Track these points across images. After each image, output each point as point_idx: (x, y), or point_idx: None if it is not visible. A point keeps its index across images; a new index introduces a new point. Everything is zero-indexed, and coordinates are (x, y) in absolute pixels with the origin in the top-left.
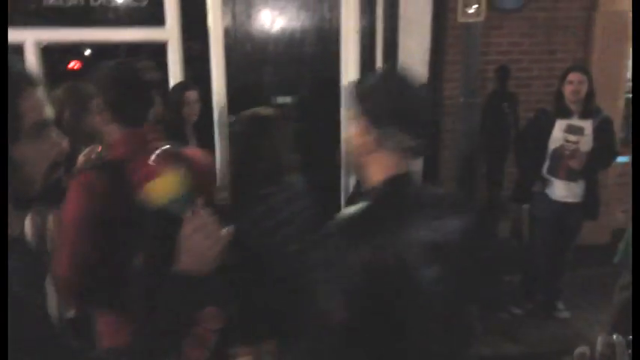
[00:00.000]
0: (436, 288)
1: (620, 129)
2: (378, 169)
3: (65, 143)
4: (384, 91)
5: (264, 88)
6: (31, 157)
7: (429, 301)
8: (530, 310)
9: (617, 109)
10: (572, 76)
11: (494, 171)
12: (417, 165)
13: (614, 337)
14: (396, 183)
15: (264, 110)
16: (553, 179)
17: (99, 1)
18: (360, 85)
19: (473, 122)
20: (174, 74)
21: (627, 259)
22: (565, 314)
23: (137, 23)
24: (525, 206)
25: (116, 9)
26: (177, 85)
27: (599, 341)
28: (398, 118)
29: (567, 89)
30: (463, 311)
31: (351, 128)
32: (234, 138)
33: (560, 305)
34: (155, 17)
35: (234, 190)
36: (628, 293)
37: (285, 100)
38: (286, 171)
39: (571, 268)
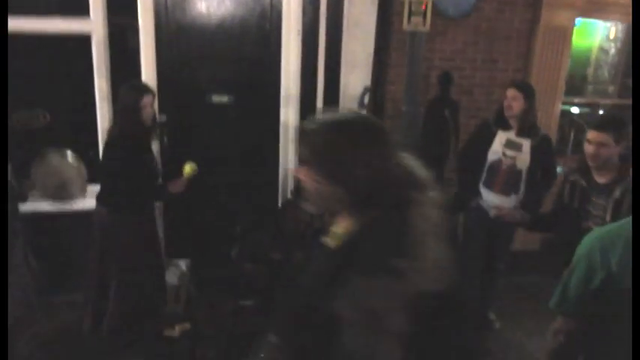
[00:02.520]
0: None
1: (554, 138)
2: None
3: None
4: None
5: (199, 86)
6: None
7: None
8: None
9: (553, 119)
10: (508, 92)
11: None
12: None
13: None
14: None
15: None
16: (488, 192)
17: None
18: None
19: (414, 129)
20: (99, 69)
21: (564, 304)
22: (496, 325)
23: (58, 12)
24: (460, 215)
25: None
26: (132, 89)
27: None
28: None
29: (504, 103)
30: None
31: None
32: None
33: (492, 315)
34: (79, 6)
35: None
36: (561, 338)
37: (222, 98)
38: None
39: (502, 276)
